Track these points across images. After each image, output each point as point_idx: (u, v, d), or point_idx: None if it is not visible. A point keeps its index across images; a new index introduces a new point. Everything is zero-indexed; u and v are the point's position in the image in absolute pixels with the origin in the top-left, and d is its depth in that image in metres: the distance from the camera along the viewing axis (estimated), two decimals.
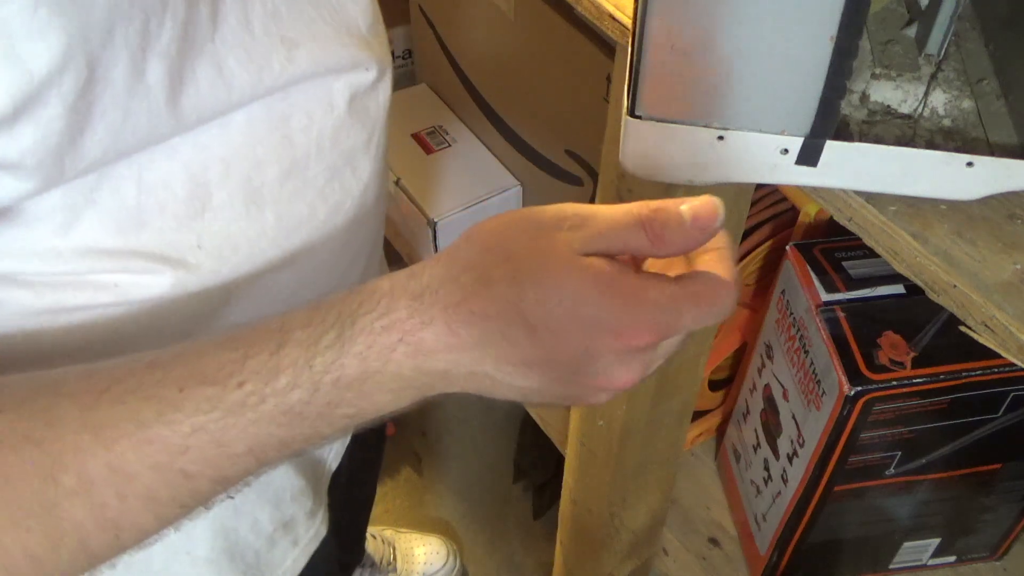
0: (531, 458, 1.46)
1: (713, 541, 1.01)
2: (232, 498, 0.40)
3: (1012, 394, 0.77)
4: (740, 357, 1.01)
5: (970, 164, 0.46)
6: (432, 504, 1.49)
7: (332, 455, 0.68)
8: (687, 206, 0.39)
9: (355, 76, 0.51)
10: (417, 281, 0.38)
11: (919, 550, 0.94)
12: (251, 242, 0.48)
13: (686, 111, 0.47)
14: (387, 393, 0.38)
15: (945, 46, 0.50)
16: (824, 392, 0.78)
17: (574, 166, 1.00)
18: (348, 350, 0.37)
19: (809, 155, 0.47)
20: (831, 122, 0.46)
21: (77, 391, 0.37)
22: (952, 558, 0.95)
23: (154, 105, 0.40)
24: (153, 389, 0.37)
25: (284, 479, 0.60)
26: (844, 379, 0.74)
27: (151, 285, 0.45)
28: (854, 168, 0.47)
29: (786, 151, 0.47)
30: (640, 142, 0.48)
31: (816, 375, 0.79)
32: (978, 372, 0.75)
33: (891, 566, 0.95)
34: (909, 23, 0.51)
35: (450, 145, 1.16)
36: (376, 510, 1.47)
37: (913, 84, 0.49)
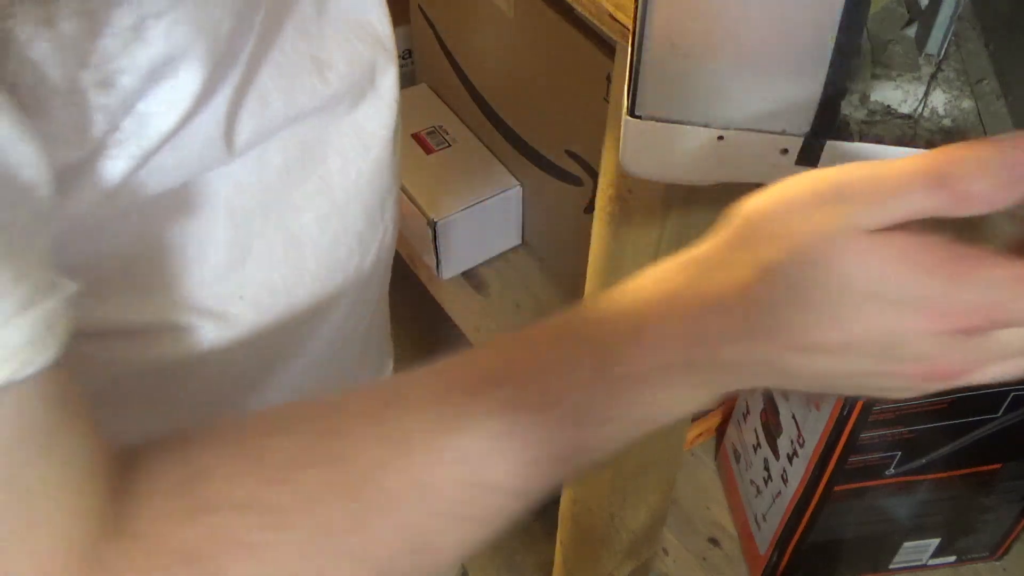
0: None
1: (713, 541, 1.01)
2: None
3: (1012, 394, 0.77)
4: None
5: None
6: None
7: None
8: (994, 146, 0.31)
9: (387, 111, 0.49)
10: (693, 266, 0.35)
11: (919, 550, 0.94)
12: (290, 291, 0.46)
13: (686, 111, 0.46)
14: (680, 388, 0.35)
15: (945, 46, 0.50)
16: None
17: (574, 166, 1.00)
18: (638, 339, 0.35)
19: (809, 155, 0.47)
20: (831, 122, 0.45)
21: (364, 410, 0.36)
22: (952, 558, 0.95)
23: (213, 127, 0.38)
24: (444, 396, 0.35)
25: None
26: None
27: (190, 341, 0.43)
28: None
29: (786, 151, 0.47)
30: (640, 142, 0.48)
31: None
32: None
33: (891, 566, 0.95)
34: (909, 23, 0.51)
35: (450, 145, 1.16)
36: None
37: (913, 84, 0.49)
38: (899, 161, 0.33)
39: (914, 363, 0.34)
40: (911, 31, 0.51)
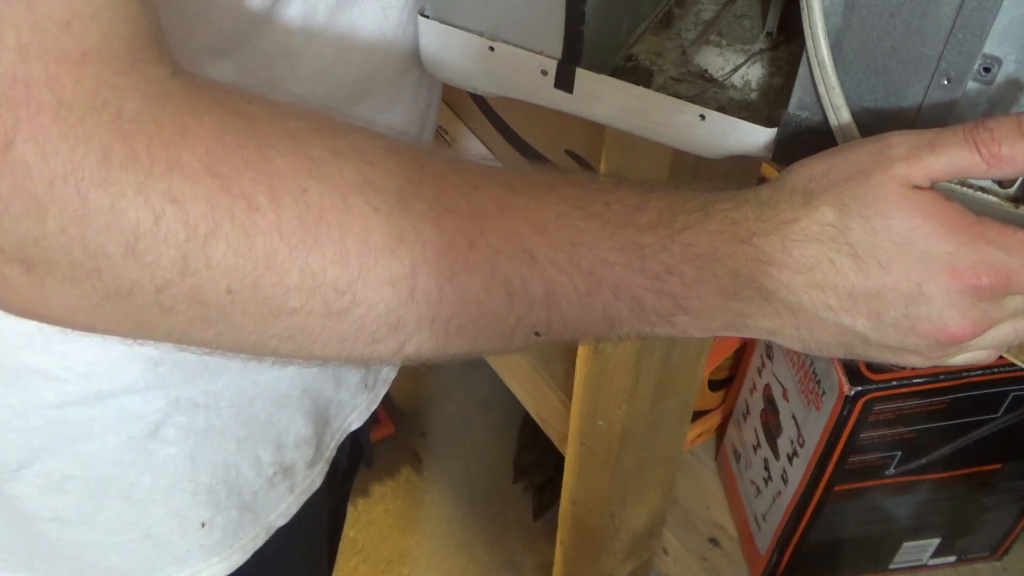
0: (531, 458, 1.45)
1: (713, 541, 1.01)
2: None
3: (1012, 394, 0.77)
4: (740, 357, 1.01)
5: (702, 117, 0.47)
6: (432, 504, 1.49)
7: (340, 420, 0.66)
8: None
9: None
10: (756, 194, 0.38)
11: (919, 550, 0.94)
12: None
13: (462, 16, 0.49)
14: (716, 294, 0.38)
15: (776, 23, 0.51)
16: (824, 392, 0.78)
17: (574, 166, 1.00)
18: (706, 225, 0.37)
19: (564, 80, 0.48)
20: (577, 49, 0.47)
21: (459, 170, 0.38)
22: (952, 558, 0.95)
23: None
24: (526, 176, 0.38)
25: (289, 423, 0.59)
26: (844, 379, 0.74)
27: None
28: (607, 101, 0.49)
29: (545, 72, 0.48)
30: (430, 42, 0.50)
31: (816, 375, 0.79)
32: (978, 372, 0.75)
33: (891, 566, 0.95)
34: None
35: (450, 145, 1.16)
36: (376, 510, 1.47)
37: (737, 55, 0.50)
38: (942, 128, 0.36)
39: (932, 321, 0.37)
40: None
